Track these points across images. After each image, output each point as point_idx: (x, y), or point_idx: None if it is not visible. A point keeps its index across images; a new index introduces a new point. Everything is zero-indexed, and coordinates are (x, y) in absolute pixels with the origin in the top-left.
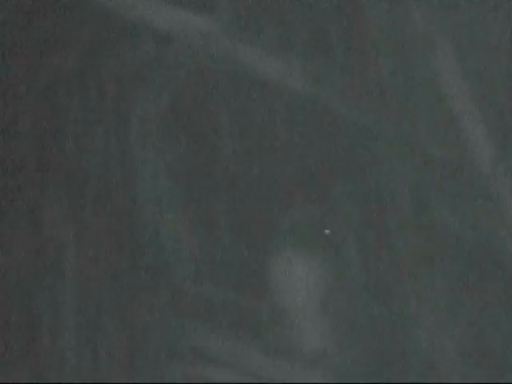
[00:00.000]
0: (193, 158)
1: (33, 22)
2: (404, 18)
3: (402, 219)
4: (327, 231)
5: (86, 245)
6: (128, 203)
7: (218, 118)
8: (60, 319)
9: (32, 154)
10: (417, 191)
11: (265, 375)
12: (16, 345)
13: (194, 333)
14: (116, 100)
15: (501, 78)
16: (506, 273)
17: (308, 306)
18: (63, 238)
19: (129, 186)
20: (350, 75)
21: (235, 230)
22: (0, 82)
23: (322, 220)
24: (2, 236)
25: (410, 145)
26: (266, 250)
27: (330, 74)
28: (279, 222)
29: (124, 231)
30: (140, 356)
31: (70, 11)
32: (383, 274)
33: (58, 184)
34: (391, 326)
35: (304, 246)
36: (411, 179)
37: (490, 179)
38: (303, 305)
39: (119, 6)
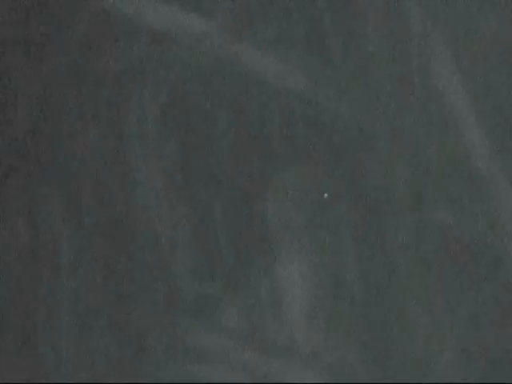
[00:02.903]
0: (190, 156)
1: (29, 19)
2: (401, 17)
3: (400, 219)
4: (326, 195)
5: (82, 244)
6: (125, 201)
7: (215, 117)
8: (57, 319)
9: (28, 153)
10: (415, 191)
11: (262, 374)
12: (13, 346)
13: (191, 332)
14: (113, 99)
15: (498, 78)
16: (503, 272)
17: (305, 305)
18: (60, 238)
19: (126, 184)
20: (347, 74)
21: (233, 229)
22: None
23: (320, 220)
24: None
25: (407, 144)
26: (264, 249)
27: (327, 73)
28: (277, 222)
29: (121, 230)
30: (137, 355)
31: (66, 9)
32: (381, 274)
33: (55, 183)
34: (389, 326)
35: (301, 246)
36: (409, 179)
37: (487, 179)
38: (301, 304)
39: (116, 4)
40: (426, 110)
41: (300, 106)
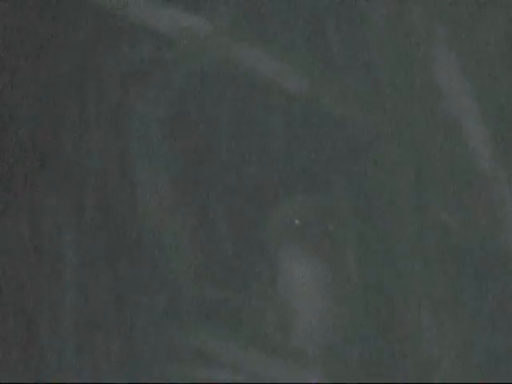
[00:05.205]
0: (192, 159)
1: (31, 21)
2: (403, 17)
3: (402, 220)
4: (297, 221)
5: (85, 246)
6: (127, 204)
7: (218, 119)
8: (59, 320)
9: (30, 155)
10: (416, 192)
11: (265, 376)
12: (15, 346)
13: (194, 334)
14: (115, 101)
15: (501, 77)
16: (505, 273)
17: (308, 306)
18: (62, 239)
19: (128, 187)
20: (348, 76)
21: (235, 231)
22: None
23: (322, 220)
24: (0, 237)
25: (409, 145)
26: (266, 251)
27: (328, 74)
28: (279, 224)
29: (123, 232)
30: (139, 357)
31: (68, 11)
32: (383, 274)
33: (57, 185)
34: (391, 326)
35: (304, 247)
36: (410, 179)
37: (489, 179)
38: (303, 306)
39: (118, 6)
40: (429, 112)
41: (301, 107)
